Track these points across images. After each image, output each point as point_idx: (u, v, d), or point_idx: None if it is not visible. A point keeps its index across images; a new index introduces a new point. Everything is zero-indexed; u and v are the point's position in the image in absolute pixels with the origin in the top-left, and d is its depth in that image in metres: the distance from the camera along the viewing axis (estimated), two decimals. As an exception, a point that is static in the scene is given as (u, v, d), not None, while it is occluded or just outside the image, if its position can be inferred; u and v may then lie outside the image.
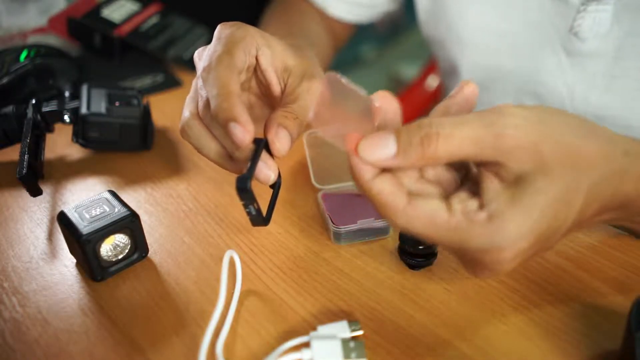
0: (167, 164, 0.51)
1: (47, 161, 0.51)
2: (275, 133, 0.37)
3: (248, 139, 0.35)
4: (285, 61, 0.41)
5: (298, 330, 0.35)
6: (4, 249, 0.42)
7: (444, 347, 0.34)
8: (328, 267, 0.39)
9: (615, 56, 0.49)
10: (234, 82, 0.37)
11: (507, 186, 0.29)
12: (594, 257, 0.39)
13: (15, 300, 0.38)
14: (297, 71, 0.41)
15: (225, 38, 0.39)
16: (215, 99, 0.36)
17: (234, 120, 0.35)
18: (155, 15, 0.74)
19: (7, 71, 0.58)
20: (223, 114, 0.35)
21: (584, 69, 0.52)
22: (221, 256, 0.37)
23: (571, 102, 0.54)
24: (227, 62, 0.38)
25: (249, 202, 0.35)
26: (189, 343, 0.34)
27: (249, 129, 0.35)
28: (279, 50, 0.41)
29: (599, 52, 0.50)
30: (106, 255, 0.38)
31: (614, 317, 0.35)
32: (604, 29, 0.49)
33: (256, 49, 0.40)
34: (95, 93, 0.52)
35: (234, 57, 0.38)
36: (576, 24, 0.50)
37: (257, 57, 0.41)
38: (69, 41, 0.72)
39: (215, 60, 0.38)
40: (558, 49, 0.53)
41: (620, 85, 0.50)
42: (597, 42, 0.50)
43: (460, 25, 0.58)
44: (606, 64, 0.50)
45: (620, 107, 0.51)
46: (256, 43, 0.40)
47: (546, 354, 0.33)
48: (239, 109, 0.35)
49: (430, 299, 0.37)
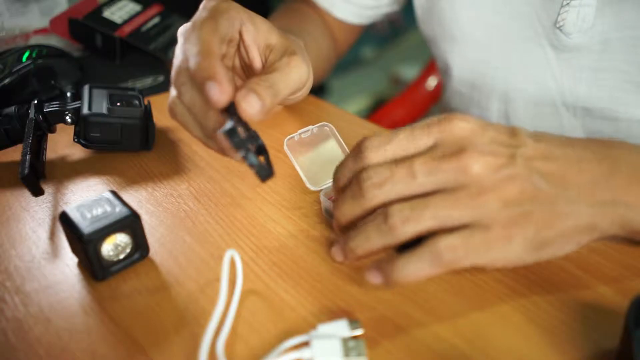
0: (168, 164, 0.52)
1: (48, 161, 0.52)
2: (244, 95, 0.36)
3: (224, 99, 0.34)
4: (268, 38, 0.41)
5: (298, 329, 0.35)
6: (6, 248, 0.42)
7: (444, 346, 0.34)
8: (328, 267, 0.39)
9: (601, 50, 0.50)
10: (215, 44, 0.37)
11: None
12: (594, 257, 0.40)
13: (18, 299, 0.38)
14: (279, 48, 0.41)
15: (209, 8, 0.39)
16: (194, 57, 0.36)
17: (212, 79, 0.34)
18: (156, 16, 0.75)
19: (9, 72, 0.58)
20: (201, 72, 0.35)
21: (571, 63, 0.52)
22: (222, 256, 0.37)
23: (560, 96, 0.54)
24: (210, 26, 0.37)
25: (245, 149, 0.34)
26: (190, 342, 0.34)
27: (227, 89, 0.34)
28: (263, 29, 0.41)
29: (584, 47, 0.50)
30: (107, 254, 0.38)
31: (613, 317, 0.35)
32: (588, 23, 0.49)
33: (240, 23, 0.40)
34: (96, 93, 0.52)
35: (217, 23, 0.38)
36: (560, 19, 0.50)
37: (241, 33, 0.41)
38: (71, 42, 0.73)
39: (198, 23, 0.38)
40: (544, 43, 0.53)
41: (607, 78, 0.51)
42: (582, 36, 0.50)
43: (452, 20, 0.59)
44: (592, 58, 0.50)
45: (607, 100, 0.51)
46: (240, 18, 0.40)
47: (546, 353, 0.33)
48: (219, 68, 0.35)
49: (430, 299, 0.37)
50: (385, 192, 0.34)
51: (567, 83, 0.53)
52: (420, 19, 0.64)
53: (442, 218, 0.33)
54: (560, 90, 0.54)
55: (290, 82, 0.40)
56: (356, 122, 0.58)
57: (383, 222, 0.34)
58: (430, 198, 0.33)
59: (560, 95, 0.54)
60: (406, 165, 0.34)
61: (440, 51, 0.63)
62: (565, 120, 0.55)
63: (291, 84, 0.40)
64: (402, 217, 0.33)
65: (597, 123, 0.53)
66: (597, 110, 0.52)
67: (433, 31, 0.62)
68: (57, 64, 0.62)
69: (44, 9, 0.72)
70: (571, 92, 0.53)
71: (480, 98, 0.61)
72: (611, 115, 0.52)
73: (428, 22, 0.62)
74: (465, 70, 0.61)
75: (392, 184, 0.34)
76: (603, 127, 0.53)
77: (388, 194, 0.34)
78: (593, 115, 0.53)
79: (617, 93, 0.51)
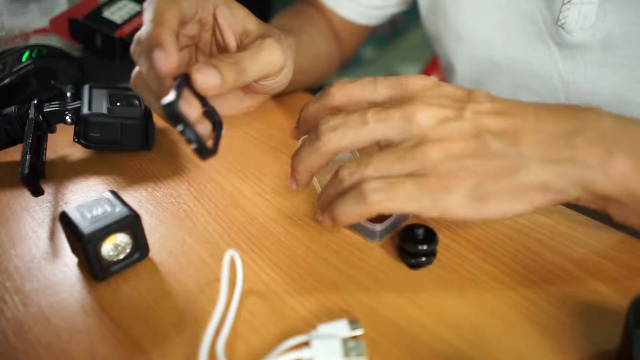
0: (168, 164, 0.52)
1: (48, 161, 0.52)
2: (198, 68, 0.36)
3: (169, 66, 0.34)
4: (245, 24, 0.41)
5: (298, 329, 0.35)
6: (6, 248, 0.42)
7: (444, 346, 0.34)
8: (328, 267, 0.39)
9: (604, 46, 0.50)
10: (170, 14, 0.36)
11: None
12: (594, 257, 0.40)
13: (17, 300, 0.38)
14: (256, 34, 0.41)
15: None
16: (146, 25, 0.35)
17: (158, 46, 0.34)
18: (156, 15, 0.74)
19: (9, 72, 0.58)
20: (149, 40, 0.35)
21: (575, 59, 0.52)
22: (222, 256, 0.37)
23: (565, 93, 0.54)
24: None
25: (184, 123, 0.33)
26: (190, 342, 0.34)
27: (172, 58, 0.34)
28: (240, 14, 0.41)
29: (587, 44, 0.50)
30: (107, 254, 0.38)
31: (613, 317, 0.35)
32: (589, 20, 0.49)
33: (213, 6, 0.40)
34: (96, 93, 0.52)
35: None
36: (562, 16, 0.50)
37: (215, 16, 0.41)
38: (71, 42, 0.72)
39: None
40: (548, 41, 0.53)
41: (611, 74, 0.51)
42: (584, 33, 0.50)
43: (456, 18, 0.59)
44: (595, 55, 0.51)
45: (610, 96, 0.52)
46: (214, 1, 0.40)
47: (545, 353, 0.33)
48: (167, 36, 0.34)
49: (430, 299, 0.37)
50: (339, 136, 0.36)
51: (572, 79, 0.53)
52: (424, 16, 0.64)
53: (383, 170, 0.35)
54: (565, 86, 0.54)
55: (260, 62, 0.39)
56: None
57: (335, 178, 0.37)
58: (374, 154, 0.36)
59: (565, 91, 0.54)
60: (360, 113, 0.36)
61: (444, 49, 0.63)
62: None
63: (261, 64, 0.40)
64: (350, 172, 0.36)
65: None
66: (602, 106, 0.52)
67: (437, 29, 0.62)
68: (57, 64, 0.62)
69: (44, 9, 0.72)
70: (575, 88, 0.53)
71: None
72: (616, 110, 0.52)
73: (432, 20, 0.62)
74: (470, 68, 0.61)
75: (344, 129, 0.36)
76: None
77: (341, 139, 0.36)
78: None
79: (620, 89, 0.51)
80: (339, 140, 0.37)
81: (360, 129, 0.36)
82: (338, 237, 0.42)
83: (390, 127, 0.35)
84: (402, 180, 0.34)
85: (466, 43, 0.59)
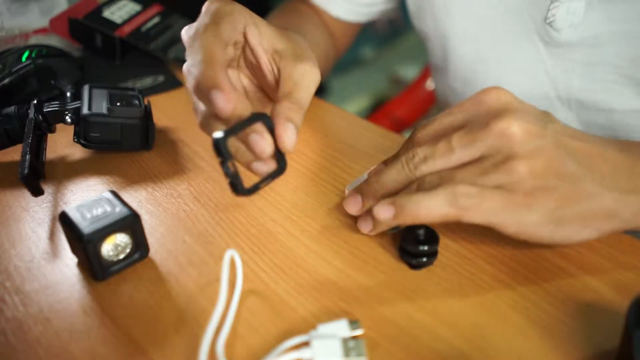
0: (168, 164, 0.52)
1: (48, 161, 0.52)
2: (284, 128, 0.37)
3: (230, 107, 0.34)
4: (274, 44, 0.41)
5: (298, 329, 0.35)
6: (6, 248, 0.42)
7: (444, 346, 0.34)
8: (328, 267, 0.40)
9: (592, 44, 0.50)
10: (218, 50, 0.36)
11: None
12: (594, 257, 0.40)
13: (17, 300, 0.38)
14: (287, 54, 0.41)
15: (212, 11, 0.39)
16: (198, 66, 0.35)
17: (216, 88, 0.34)
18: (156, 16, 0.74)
19: (9, 71, 0.58)
20: (206, 81, 0.35)
21: (563, 57, 0.52)
22: (222, 256, 0.37)
23: (554, 90, 0.54)
24: (212, 31, 0.37)
25: (225, 159, 0.34)
26: (190, 342, 0.34)
27: (231, 98, 0.34)
28: (267, 32, 0.41)
29: (575, 42, 0.50)
30: (107, 254, 0.38)
31: (613, 317, 0.35)
32: (578, 18, 0.49)
33: (244, 25, 0.40)
34: (96, 93, 0.52)
35: (220, 28, 0.38)
36: (550, 14, 0.50)
37: (246, 35, 0.40)
38: (71, 42, 0.72)
39: (201, 29, 0.37)
40: (536, 39, 0.53)
41: (600, 72, 0.51)
42: (572, 31, 0.50)
43: (445, 15, 0.58)
44: (584, 53, 0.51)
45: (601, 92, 0.52)
46: (244, 19, 0.40)
47: (545, 353, 0.33)
48: (222, 76, 0.35)
49: (430, 299, 0.37)
50: (429, 167, 0.37)
51: (561, 77, 0.53)
52: (413, 14, 0.64)
53: (475, 177, 0.35)
54: (553, 84, 0.54)
55: (311, 93, 0.40)
56: (356, 122, 0.58)
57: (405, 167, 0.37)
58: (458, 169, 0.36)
59: (554, 89, 0.54)
60: (445, 141, 0.36)
61: (434, 47, 0.63)
62: (560, 113, 0.55)
63: (311, 94, 0.40)
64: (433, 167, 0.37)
65: (592, 114, 0.53)
66: (591, 103, 0.52)
67: (426, 26, 0.62)
68: (57, 64, 0.62)
69: (44, 8, 0.72)
70: (565, 86, 0.53)
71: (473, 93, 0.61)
72: (606, 107, 0.52)
73: (421, 17, 0.62)
74: (459, 66, 0.61)
75: (433, 160, 0.37)
76: (598, 118, 0.53)
77: (431, 169, 0.37)
78: (587, 108, 0.53)
79: (610, 86, 0.51)
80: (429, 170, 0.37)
81: (448, 158, 0.36)
82: (338, 237, 0.42)
83: (480, 149, 0.35)
84: (492, 191, 0.35)
85: (455, 40, 0.59)
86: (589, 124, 0.54)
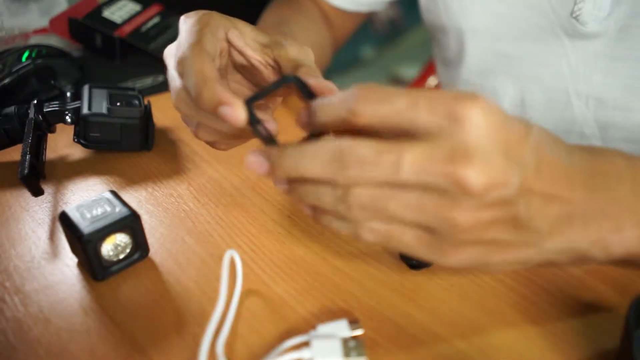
0: (167, 164, 0.52)
1: (48, 161, 0.52)
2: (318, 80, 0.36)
3: (241, 114, 0.34)
4: (258, 40, 0.41)
5: (298, 329, 0.35)
6: (6, 248, 0.42)
7: (444, 346, 0.34)
8: (328, 267, 0.39)
9: (617, 37, 0.50)
10: (209, 68, 0.36)
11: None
12: (593, 257, 0.40)
13: (17, 300, 0.38)
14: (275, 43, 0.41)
15: (189, 28, 0.39)
16: (194, 88, 0.36)
17: (221, 104, 0.34)
18: (156, 15, 0.74)
19: (9, 71, 0.58)
20: (207, 102, 0.35)
21: (586, 50, 0.52)
22: (222, 256, 0.37)
23: (574, 84, 0.54)
24: (198, 50, 0.37)
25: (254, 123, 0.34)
26: (190, 342, 0.34)
27: (238, 105, 0.34)
28: (248, 31, 0.41)
29: (600, 34, 0.50)
30: (107, 254, 0.38)
31: (613, 317, 0.35)
32: (604, 12, 0.49)
33: (224, 32, 0.40)
34: (96, 93, 0.52)
35: (202, 44, 0.38)
36: (577, 8, 0.50)
37: (229, 40, 0.41)
38: (71, 42, 0.72)
39: (186, 51, 0.37)
40: (559, 32, 0.53)
41: (622, 67, 0.51)
42: (598, 25, 0.50)
43: (459, 10, 0.58)
44: (608, 46, 0.51)
45: (621, 89, 0.51)
46: (222, 25, 0.40)
47: (545, 353, 0.33)
48: (220, 91, 0.35)
49: (430, 299, 0.37)
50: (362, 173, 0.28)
51: (582, 71, 0.53)
52: (424, 7, 0.63)
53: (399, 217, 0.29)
54: (574, 79, 0.54)
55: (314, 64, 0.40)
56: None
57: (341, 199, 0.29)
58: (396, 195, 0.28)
59: (574, 83, 0.54)
60: (395, 153, 0.28)
61: (448, 41, 0.62)
62: (577, 111, 0.55)
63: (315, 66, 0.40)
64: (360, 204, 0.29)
65: (610, 113, 0.53)
66: (610, 100, 0.52)
67: (440, 19, 0.61)
68: (56, 64, 0.62)
69: (44, 8, 0.72)
70: (585, 80, 0.53)
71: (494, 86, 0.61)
72: (624, 105, 0.52)
73: (433, 11, 0.62)
74: (476, 60, 0.60)
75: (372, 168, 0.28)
76: (616, 117, 0.53)
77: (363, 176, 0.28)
78: (605, 106, 0.53)
79: (631, 81, 0.51)
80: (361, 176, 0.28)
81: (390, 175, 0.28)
82: (338, 237, 0.42)
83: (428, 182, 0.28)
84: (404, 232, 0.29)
85: (471, 35, 0.59)
86: (606, 125, 0.54)
